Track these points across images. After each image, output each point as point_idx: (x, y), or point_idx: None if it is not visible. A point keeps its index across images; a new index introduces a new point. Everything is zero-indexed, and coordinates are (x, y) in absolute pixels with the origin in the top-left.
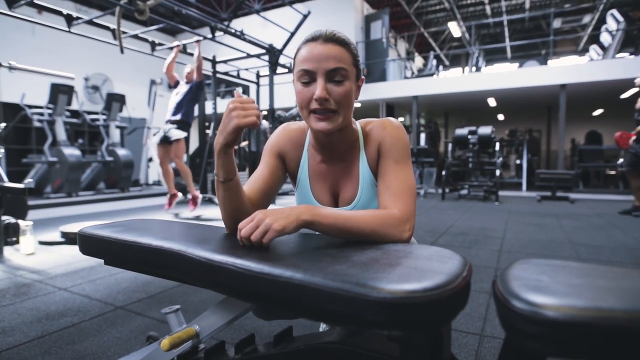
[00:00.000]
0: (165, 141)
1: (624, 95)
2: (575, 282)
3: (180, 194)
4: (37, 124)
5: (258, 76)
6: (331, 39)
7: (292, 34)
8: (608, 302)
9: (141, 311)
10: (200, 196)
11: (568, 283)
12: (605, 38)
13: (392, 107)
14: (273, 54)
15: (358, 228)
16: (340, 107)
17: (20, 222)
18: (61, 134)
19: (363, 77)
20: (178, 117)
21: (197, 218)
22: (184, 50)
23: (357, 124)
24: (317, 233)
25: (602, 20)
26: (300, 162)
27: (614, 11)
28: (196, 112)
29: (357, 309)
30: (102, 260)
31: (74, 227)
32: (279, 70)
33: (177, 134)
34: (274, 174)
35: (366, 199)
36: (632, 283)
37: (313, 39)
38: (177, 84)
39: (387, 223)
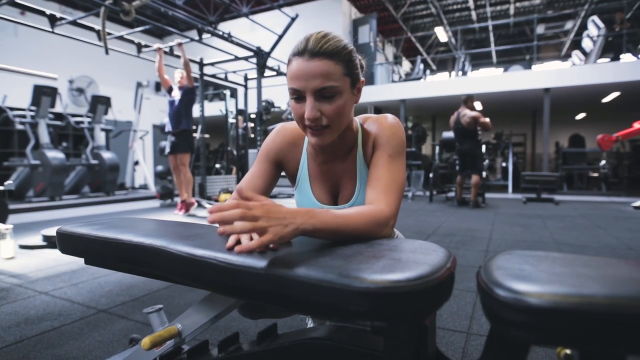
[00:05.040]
0: (173, 152)
1: (605, 100)
2: (558, 271)
3: (195, 203)
4: (19, 127)
5: (246, 79)
6: (318, 52)
7: (280, 37)
8: (590, 289)
9: (124, 314)
10: (195, 204)
11: (551, 271)
12: (586, 44)
13: (380, 111)
14: (261, 57)
15: (353, 232)
16: (332, 122)
17: (0, 225)
18: (44, 136)
19: (362, 79)
20: (180, 128)
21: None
22: (170, 52)
23: (357, 121)
24: None
25: (583, 27)
26: (299, 163)
27: (595, 18)
28: None
29: (341, 299)
30: (84, 264)
31: (56, 231)
32: (267, 72)
33: (182, 149)
34: (267, 180)
35: (363, 197)
36: (614, 271)
37: (299, 52)
38: (171, 89)
39: (377, 222)
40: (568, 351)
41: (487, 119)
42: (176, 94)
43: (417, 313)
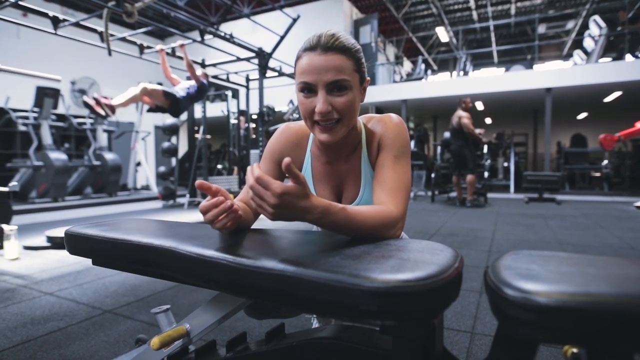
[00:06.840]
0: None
1: (607, 99)
2: (565, 270)
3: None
4: (22, 128)
5: (247, 80)
6: (330, 47)
7: (282, 38)
8: (598, 288)
9: (130, 314)
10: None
11: (558, 271)
12: (588, 43)
13: (382, 111)
14: (263, 58)
15: (361, 230)
16: (343, 116)
17: (4, 226)
18: (47, 137)
19: (368, 78)
20: (183, 89)
21: None
22: (172, 53)
23: (360, 121)
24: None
25: (585, 26)
26: (303, 164)
27: (597, 17)
28: (184, 116)
29: (351, 299)
30: (90, 265)
31: (60, 232)
32: (269, 73)
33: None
34: None
35: (368, 197)
36: (620, 270)
37: (312, 47)
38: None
39: (387, 224)
40: (575, 350)
41: (468, 122)
42: (189, 84)
43: (426, 312)
